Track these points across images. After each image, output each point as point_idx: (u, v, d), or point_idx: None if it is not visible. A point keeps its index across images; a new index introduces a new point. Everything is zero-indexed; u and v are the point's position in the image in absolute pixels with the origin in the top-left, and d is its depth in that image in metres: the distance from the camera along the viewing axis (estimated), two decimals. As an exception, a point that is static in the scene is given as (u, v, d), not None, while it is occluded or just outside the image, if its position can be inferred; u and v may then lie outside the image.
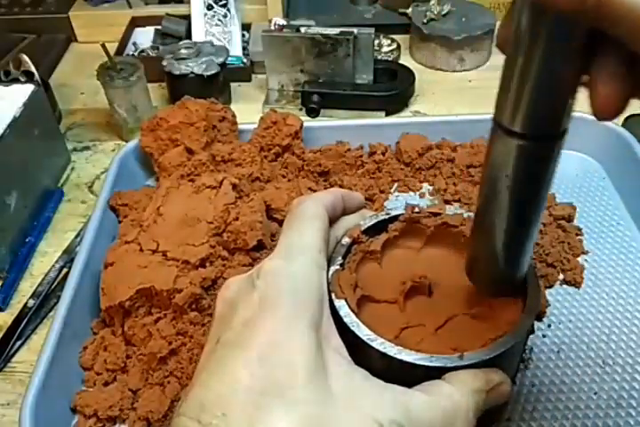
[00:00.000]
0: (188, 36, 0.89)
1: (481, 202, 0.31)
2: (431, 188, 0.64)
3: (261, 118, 0.66)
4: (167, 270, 0.49)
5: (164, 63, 0.76)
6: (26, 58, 0.73)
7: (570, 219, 0.59)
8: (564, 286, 0.55)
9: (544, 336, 0.51)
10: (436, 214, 0.40)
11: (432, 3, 0.86)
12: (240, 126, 0.67)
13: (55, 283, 0.58)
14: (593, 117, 0.24)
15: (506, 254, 0.32)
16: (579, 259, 0.57)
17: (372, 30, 0.74)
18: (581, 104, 0.26)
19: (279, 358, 0.28)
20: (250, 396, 0.27)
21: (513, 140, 0.27)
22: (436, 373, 0.31)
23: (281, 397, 0.27)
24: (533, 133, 0.26)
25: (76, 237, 0.63)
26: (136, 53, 0.90)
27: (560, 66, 0.24)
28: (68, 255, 0.61)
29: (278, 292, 0.30)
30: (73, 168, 0.73)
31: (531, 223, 0.31)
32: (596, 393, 0.47)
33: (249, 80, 0.85)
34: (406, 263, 0.39)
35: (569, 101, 0.26)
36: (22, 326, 0.54)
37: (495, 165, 0.28)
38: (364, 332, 0.33)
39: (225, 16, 0.88)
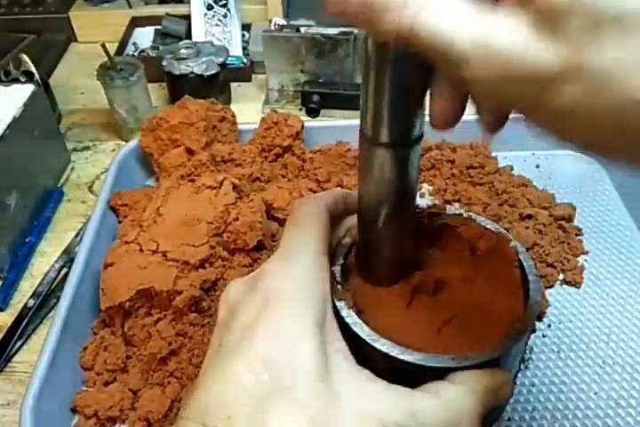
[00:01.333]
0: (188, 36, 0.89)
1: (361, 199, 0.34)
2: (431, 188, 0.64)
3: (262, 119, 0.66)
4: (167, 271, 0.48)
5: (164, 63, 0.76)
6: (26, 58, 0.73)
7: (570, 219, 0.59)
8: (564, 286, 0.55)
9: (544, 336, 0.51)
10: (436, 214, 0.40)
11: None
12: (240, 126, 0.67)
13: (55, 283, 0.58)
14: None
15: (390, 238, 0.35)
16: (579, 259, 0.57)
17: (372, 30, 0.74)
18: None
19: (282, 360, 0.28)
20: (254, 398, 0.26)
21: (376, 149, 0.30)
22: (440, 373, 0.31)
23: (285, 398, 0.27)
24: (393, 142, 0.30)
25: (76, 236, 0.63)
26: (136, 53, 0.90)
27: (403, 83, 0.27)
28: (68, 255, 0.61)
29: (280, 293, 0.30)
30: (73, 168, 0.73)
31: (405, 211, 0.34)
32: (595, 393, 0.47)
33: (249, 80, 0.85)
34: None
35: (417, 112, 0.29)
36: (22, 326, 0.54)
37: (365, 168, 0.32)
38: (366, 332, 0.32)
39: (225, 16, 0.88)
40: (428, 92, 0.28)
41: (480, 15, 0.21)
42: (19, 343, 0.53)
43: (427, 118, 0.29)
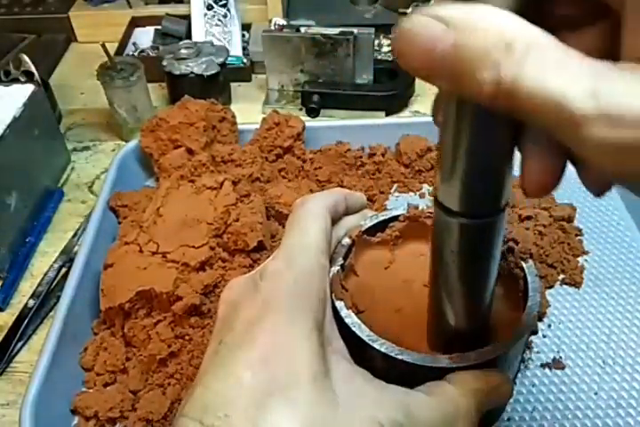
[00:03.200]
0: (188, 36, 0.89)
1: (432, 275, 0.32)
2: (431, 188, 0.64)
3: (264, 119, 0.66)
4: (167, 272, 0.48)
5: (164, 63, 0.76)
6: (26, 58, 0.72)
7: (570, 219, 0.59)
8: (564, 286, 0.55)
9: (544, 336, 0.51)
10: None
11: (432, 3, 0.86)
12: (240, 126, 0.67)
13: (54, 283, 0.58)
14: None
15: (462, 323, 0.33)
16: (579, 259, 0.57)
17: (372, 30, 0.74)
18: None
19: (281, 359, 0.28)
20: (252, 397, 0.27)
21: (452, 219, 0.27)
22: (438, 373, 0.31)
23: (283, 397, 0.27)
24: (471, 212, 0.26)
25: (74, 236, 0.63)
26: (136, 53, 0.90)
27: (487, 147, 0.24)
28: (67, 255, 0.61)
29: (280, 293, 0.30)
30: (73, 168, 0.73)
31: (481, 294, 0.31)
32: (596, 393, 0.47)
33: (249, 80, 0.85)
34: (407, 263, 0.39)
35: (504, 180, 0.26)
36: (23, 326, 0.54)
37: (440, 240, 0.29)
38: (365, 333, 0.33)
39: (225, 16, 0.88)
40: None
41: (601, 69, 0.17)
42: (19, 344, 0.53)
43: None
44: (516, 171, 0.26)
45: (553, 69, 0.17)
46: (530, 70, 0.17)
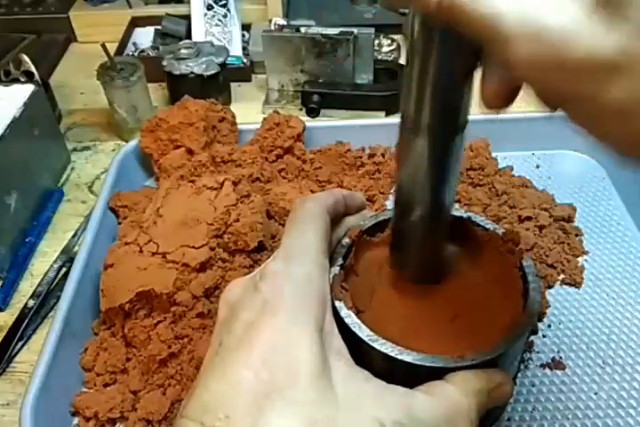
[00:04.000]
0: (188, 36, 0.89)
1: (400, 187, 0.33)
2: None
3: (264, 119, 0.66)
4: (167, 273, 0.48)
5: (164, 63, 0.76)
6: (26, 58, 0.73)
7: (570, 219, 0.59)
8: (565, 286, 0.55)
9: (544, 336, 0.51)
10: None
11: (432, 3, 0.86)
12: (240, 126, 0.67)
13: (54, 283, 0.58)
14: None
15: (423, 235, 0.34)
16: (579, 259, 0.57)
17: (372, 30, 0.74)
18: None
19: (282, 360, 0.28)
20: (253, 398, 0.27)
21: (417, 134, 0.29)
22: (438, 373, 0.31)
23: (284, 398, 0.27)
24: (435, 130, 0.29)
25: (73, 236, 0.63)
26: (136, 53, 0.90)
27: (448, 64, 0.26)
28: (67, 255, 0.61)
29: (281, 294, 0.30)
30: (73, 168, 0.73)
31: (441, 206, 0.33)
32: (596, 393, 0.47)
33: (249, 80, 0.85)
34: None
35: (464, 96, 0.28)
36: (23, 326, 0.54)
37: (404, 157, 0.31)
38: (365, 333, 0.33)
39: (225, 16, 0.88)
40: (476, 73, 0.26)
41: None
42: (19, 344, 0.53)
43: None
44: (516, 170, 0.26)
45: None
46: None
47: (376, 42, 0.83)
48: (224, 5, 0.88)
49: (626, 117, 0.18)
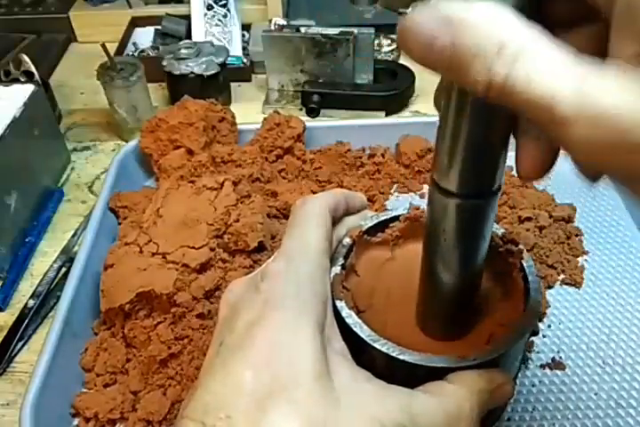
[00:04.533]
0: (188, 36, 0.89)
1: (424, 254, 0.33)
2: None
3: (264, 119, 0.66)
4: (167, 273, 0.48)
5: (164, 63, 0.76)
6: (26, 58, 0.72)
7: (570, 220, 0.59)
8: (565, 286, 0.55)
9: (544, 336, 0.51)
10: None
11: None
12: (240, 126, 0.67)
13: (54, 283, 0.58)
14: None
15: (453, 302, 0.34)
16: (579, 259, 0.57)
17: (372, 30, 0.74)
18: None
19: (283, 360, 0.28)
20: (253, 398, 0.26)
21: (448, 199, 0.28)
22: (439, 373, 0.31)
23: (285, 398, 0.27)
24: (466, 194, 0.28)
25: (73, 236, 0.63)
26: (136, 53, 0.90)
27: (485, 131, 0.25)
28: (66, 255, 0.61)
29: (282, 294, 0.30)
30: (73, 168, 0.73)
31: (473, 273, 0.32)
32: (596, 393, 0.47)
33: (249, 80, 0.85)
34: (407, 263, 0.39)
35: (499, 162, 0.27)
36: (23, 326, 0.54)
37: (434, 220, 0.30)
38: (366, 333, 0.33)
39: (225, 16, 0.88)
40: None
41: (586, 71, 0.18)
42: (19, 344, 0.53)
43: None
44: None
45: (541, 72, 0.18)
46: (519, 72, 0.18)
47: (376, 42, 0.83)
48: (224, 5, 0.88)
49: None
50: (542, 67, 0.18)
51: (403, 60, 0.86)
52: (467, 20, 0.19)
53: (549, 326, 0.52)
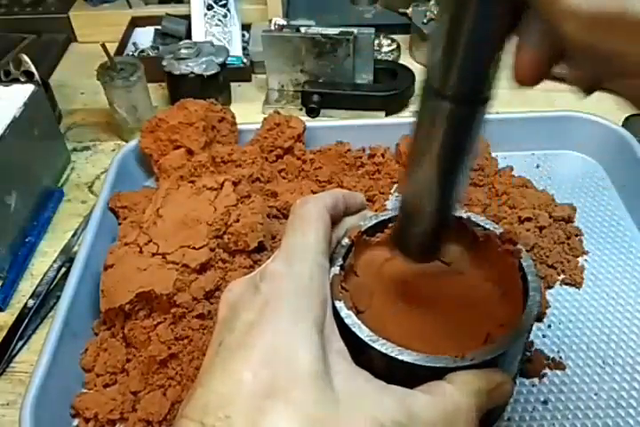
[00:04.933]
0: (188, 36, 0.89)
1: (408, 163, 0.33)
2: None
3: (264, 119, 0.66)
4: (167, 274, 0.48)
5: (164, 63, 0.76)
6: (26, 58, 0.73)
7: (570, 220, 0.59)
8: (565, 286, 0.55)
9: (544, 336, 0.51)
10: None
11: (432, 3, 0.86)
12: (240, 126, 0.67)
13: (54, 283, 0.58)
14: (593, 118, 0.24)
15: (432, 215, 0.33)
16: (579, 259, 0.57)
17: (372, 30, 0.74)
18: (574, 104, 0.26)
19: (282, 360, 0.28)
20: (253, 398, 0.27)
21: (440, 102, 0.28)
22: (438, 373, 0.31)
23: (284, 398, 0.27)
24: (459, 97, 0.27)
25: (73, 236, 0.63)
26: (136, 53, 0.90)
27: (485, 27, 0.25)
28: (66, 255, 0.61)
29: (281, 294, 0.30)
30: (73, 168, 0.73)
31: (452, 184, 0.32)
32: (596, 393, 0.47)
33: (249, 80, 0.85)
34: (405, 263, 0.39)
35: (493, 67, 0.27)
36: (23, 326, 0.54)
37: (422, 127, 0.30)
38: (365, 333, 0.33)
39: (225, 16, 0.88)
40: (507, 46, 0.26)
41: None
42: (20, 344, 0.53)
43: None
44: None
45: None
46: None
47: (376, 42, 0.83)
48: (224, 5, 0.88)
49: None
50: None
51: (403, 60, 0.86)
52: None
53: (549, 326, 0.52)
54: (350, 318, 0.33)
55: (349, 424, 0.27)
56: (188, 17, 0.89)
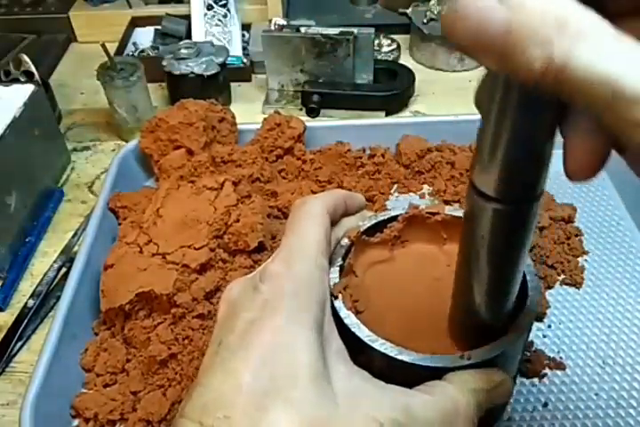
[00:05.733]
0: (188, 36, 0.89)
1: (460, 260, 0.32)
2: (431, 189, 0.64)
3: (265, 119, 0.66)
4: (167, 274, 0.48)
5: (164, 63, 0.76)
6: (26, 58, 0.73)
7: (570, 220, 0.59)
8: (565, 286, 0.55)
9: (544, 336, 0.51)
10: (434, 214, 0.40)
11: (432, 3, 0.86)
12: (240, 126, 0.67)
13: (54, 283, 0.58)
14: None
15: (486, 310, 0.32)
16: (579, 259, 0.57)
17: (372, 30, 0.74)
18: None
19: (281, 360, 0.28)
20: (252, 397, 0.26)
21: (487, 204, 0.27)
22: (437, 373, 0.31)
23: (283, 398, 0.27)
24: (507, 198, 0.26)
25: (74, 236, 0.63)
26: (136, 53, 0.90)
27: (530, 132, 0.24)
28: (66, 255, 0.61)
29: (281, 294, 0.30)
30: (73, 168, 0.73)
31: (509, 282, 0.31)
32: (596, 393, 0.47)
33: (249, 80, 0.85)
34: (406, 263, 0.39)
35: (543, 167, 0.26)
36: (23, 326, 0.54)
37: (472, 225, 0.29)
38: (364, 333, 0.33)
39: (225, 16, 0.88)
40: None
41: None
42: (19, 344, 0.53)
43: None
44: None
45: (608, 52, 0.17)
46: (583, 50, 0.17)
47: (376, 42, 0.83)
48: (224, 5, 0.88)
49: None
50: (609, 45, 0.17)
51: (403, 60, 0.86)
52: None
53: (549, 326, 0.52)
54: (349, 318, 0.33)
55: (348, 424, 0.27)
56: (188, 17, 0.89)
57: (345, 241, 0.37)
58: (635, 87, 0.17)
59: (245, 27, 0.90)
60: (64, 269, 0.59)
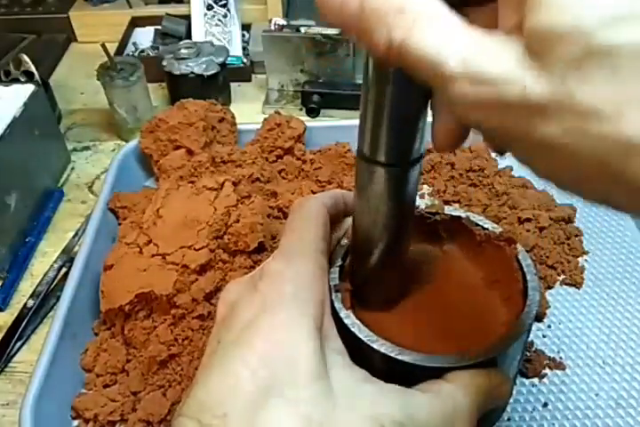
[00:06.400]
0: (188, 36, 0.89)
1: (353, 219, 0.34)
2: (431, 188, 0.64)
3: (265, 120, 0.66)
4: (167, 274, 0.48)
5: (164, 63, 0.76)
6: (26, 58, 0.73)
7: (570, 220, 0.59)
8: (565, 286, 0.55)
9: (544, 336, 0.51)
10: (434, 214, 0.40)
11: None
12: (240, 126, 0.67)
13: (54, 283, 0.58)
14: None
15: (380, 261, 0.34)
16: (579, 259, 0.57)
17: (372, 30, 0.74)
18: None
19: (280, 359, 0.28)
20: (250, 396, 0.27)
21: (372, 167, 0.30)
22: (437, 373, 0.31)
23: (282, 397, 0.27)
24: (390, 161, 0.29)
25: (74, 236, 0.63)
26: (136, 53, 0.90)
27: (404, 103, 0.27)
28: (67, 255, 0.61)
29: (280, 294, 0.30)
30: (73, 168, 0.73)
31: (399, 233, 0.34)
32: (596, 393, 0.47)
33: (249, 80, 0.85)
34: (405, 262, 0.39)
35: (418, 132, 0.29)
36: (22, 326, 0.54)
37: (360, 187, 0.32)
38: (364, 333, 0.33)
39: (225, 16, 0.88)
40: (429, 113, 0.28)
41: (475, 36, 0.20)
42: (19, 344, 0.53)
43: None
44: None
45: (433, 34, 0.20)
46: (415, 33, 0.20)
47: (376, 42, 0.83)
48: (224, 5, 0.89)
49: (557, 156, 0.20)
50: (436, 30, 0.20)
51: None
52: None
53: (549, 326, 0.52)
54: (349, 318, 0.33)
55: (347, 423, 0.27)
56: (188, 17, 0.89)
57: (345, 241, 0.37)
58: (452, 66, 0.19)
59: (245, 27, 0.90)
60: (64, 270, 0.59)
